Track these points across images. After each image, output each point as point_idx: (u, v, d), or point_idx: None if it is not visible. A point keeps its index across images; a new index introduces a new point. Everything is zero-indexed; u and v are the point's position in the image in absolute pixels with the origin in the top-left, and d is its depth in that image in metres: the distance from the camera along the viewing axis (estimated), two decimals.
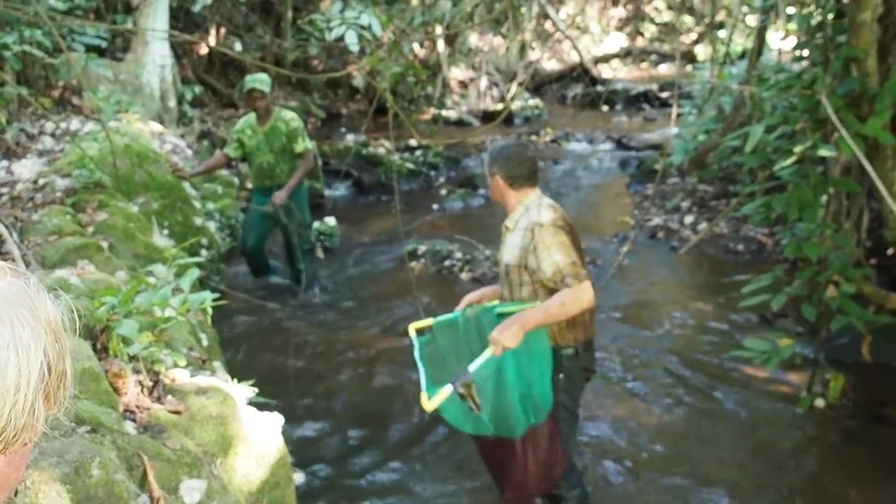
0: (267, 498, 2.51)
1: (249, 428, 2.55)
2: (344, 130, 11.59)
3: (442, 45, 13.45)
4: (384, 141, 9.67)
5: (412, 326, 3.17)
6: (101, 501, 1.85)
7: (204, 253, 5.44)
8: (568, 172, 9.69)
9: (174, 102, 9.12)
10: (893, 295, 4.15)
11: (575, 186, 9.09)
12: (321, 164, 8.58)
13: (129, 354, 2.57)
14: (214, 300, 2.74)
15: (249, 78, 5.29)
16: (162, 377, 2.60)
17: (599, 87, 14.31)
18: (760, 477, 3.60)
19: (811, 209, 3.90)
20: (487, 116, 12.71)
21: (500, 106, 13.29)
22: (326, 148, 9.36)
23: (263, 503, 2.50)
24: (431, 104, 12.98)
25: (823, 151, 3.82)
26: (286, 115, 5.43)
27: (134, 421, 2.34)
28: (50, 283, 3.00)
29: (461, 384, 2.82)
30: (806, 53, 4.75)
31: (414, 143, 9.67)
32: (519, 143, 3.18)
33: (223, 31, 11.77)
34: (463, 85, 14.30)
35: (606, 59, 16.92)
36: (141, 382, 2.53)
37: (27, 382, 0.71)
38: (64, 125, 6.48)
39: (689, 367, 4.67)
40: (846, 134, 3.31)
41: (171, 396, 2.53)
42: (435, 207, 8.32)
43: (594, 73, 15.14)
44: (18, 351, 0.70)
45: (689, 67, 14.10)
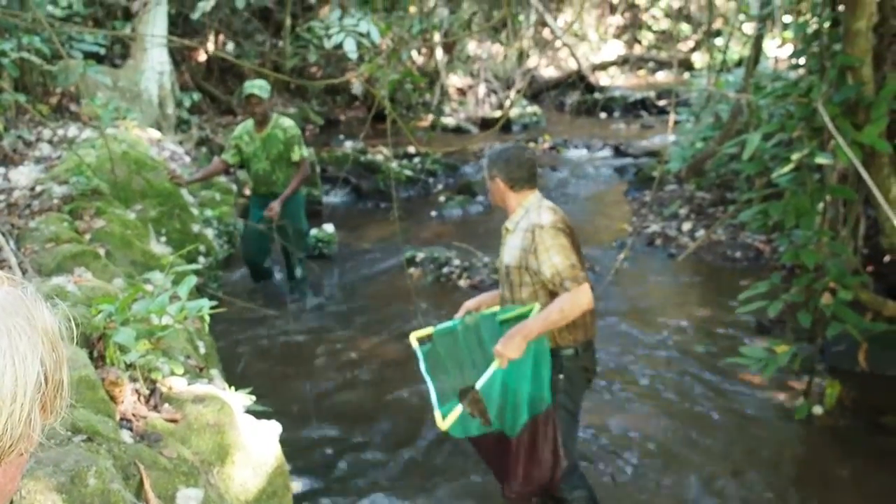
0: None
1: (247, 436, 2.55)
2: (342, 137, 11.58)
3: (440, 52, 13.47)
4: (382, 148, 9.67)
5: (413, 336, 3.18)
6: None
7: (202, 260, 5.44)
8: (566, 179, 9.69)
9: (172, 109, 9.12)
10: (890, 302, 4.16)
11: (573, 193, 9.10)
12: (319, 170, 8.58)
13: (125, 362, 2.56)
14: (212, 308, 2.74)
15: (248, 83, 5.29)
16: (159, 385, 2.60)
17: (597, 94, 14.34)
18: (757, 484, 3.60)
19: (808, 216, 3.91)
20: (485, 123, 12.71)
21: (498, 113, 13.29)
22: (325, 155, 9.35)
23: None
24: (430, 111, 12.98)
25: (820, 159, 3.83)
26: (284, 122, 5.43)
27: (130, 429, 2.33)
28: (47, 290, 2.99)
29: (469, 402, 2.88)
30: (802, 62, 4.77)
31: (412, 149, 9.67)
32: (518, 146, 3.19)
33: (221, 37, 11.79)
34: (461, 92, 14.31)
35: (604, 66, 16.95)
36: (138, 391, 2.52)
37: (24, 392, 0.70)
38: (62, 132, 6.48)
39: (685, 373, 4.67)
40: (843, 142, 3.31)
41: (167, 405, 2.52)
42: (433, 214, 8.32)
43: (592, 80, 15.16)
44: (15, 361, 0.70)
45: (686, 75, 14.16)
